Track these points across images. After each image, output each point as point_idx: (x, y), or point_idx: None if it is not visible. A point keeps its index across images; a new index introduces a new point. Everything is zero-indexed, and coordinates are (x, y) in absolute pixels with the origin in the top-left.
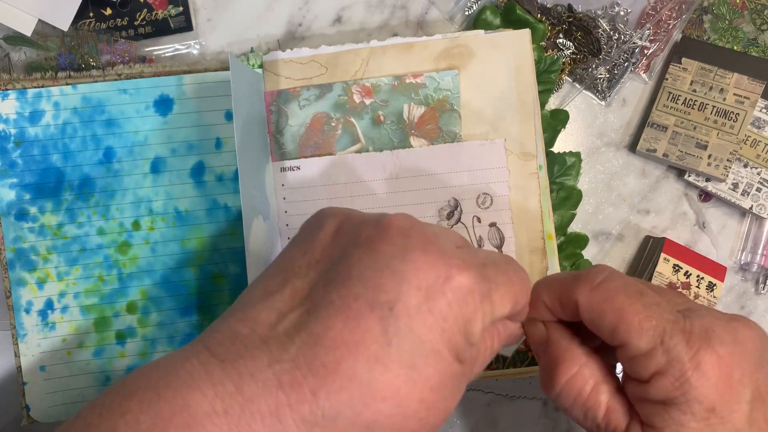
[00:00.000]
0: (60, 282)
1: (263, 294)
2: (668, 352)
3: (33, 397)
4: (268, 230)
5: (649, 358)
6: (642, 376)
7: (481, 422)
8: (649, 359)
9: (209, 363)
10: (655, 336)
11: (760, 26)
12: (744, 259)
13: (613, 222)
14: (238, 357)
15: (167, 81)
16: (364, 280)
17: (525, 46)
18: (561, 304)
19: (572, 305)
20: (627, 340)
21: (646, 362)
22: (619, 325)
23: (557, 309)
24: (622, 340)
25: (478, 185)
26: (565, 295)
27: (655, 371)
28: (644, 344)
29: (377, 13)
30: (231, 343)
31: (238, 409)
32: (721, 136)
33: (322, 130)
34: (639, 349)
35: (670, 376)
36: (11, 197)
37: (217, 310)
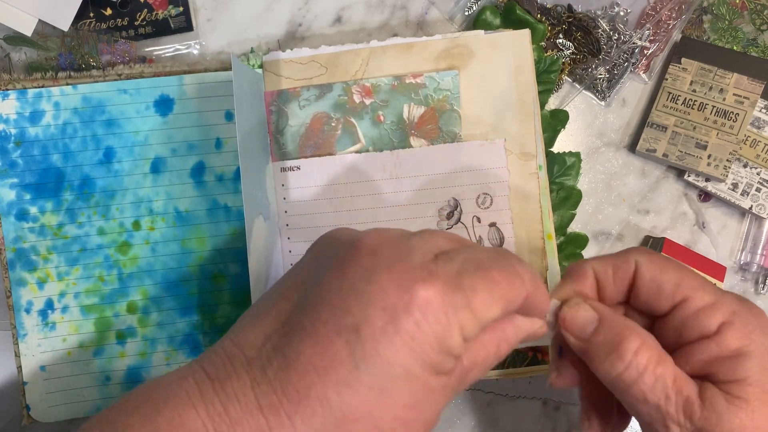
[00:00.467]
0: (60, 282)
1: (255, 316)
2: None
3: (33, 397)
4: (269, 230)
5: (715, 308)
6: (709, 329)
7: (481, 422)
8: (715, 309)
9: (203, 382)
10: (715, 292)
11: (759, 26)
12: (744, 259)
13: (612, 222)
14: (227, 378)
15: (167, 81)
16: (332, 304)
17: (525, 46)
18: (614, 271)
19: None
20: (692, 293)
21: (713, 313)
22: (682, 281)
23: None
24: (686, 293)
25: (478, 185)
26: (621, 261)
27: (723, 321)
28: (709, 297)
29: (377, 13)
30: (222, 364)
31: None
32: (720, 136)
33: (322, 130)
34: (704, 300)
35: (738, 326)
36: (11, 197)
37: (217, 310)
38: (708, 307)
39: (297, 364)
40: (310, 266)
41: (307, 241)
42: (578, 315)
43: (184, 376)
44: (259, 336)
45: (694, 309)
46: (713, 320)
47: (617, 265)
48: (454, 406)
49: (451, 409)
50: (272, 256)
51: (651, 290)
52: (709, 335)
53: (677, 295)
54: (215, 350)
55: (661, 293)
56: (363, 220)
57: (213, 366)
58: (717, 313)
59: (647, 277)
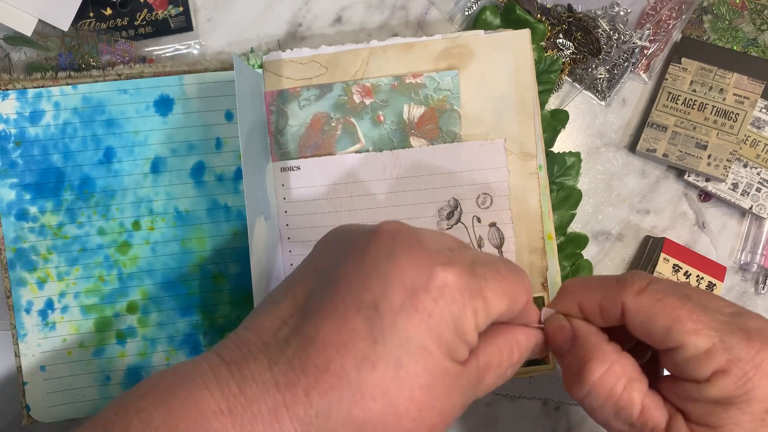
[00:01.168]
0: (60, 282)
1: (269, 304)
2: (729, 350)
3: (33, 397)
4: (269, 230)
5: (709, 357)
6: (700, 376)
7: (481, 422)
8: (709, 358)
9: (218, 365)
10: (713, 335)
11: (759, 26)
12: (744, 259)
13: (612, 222)
14: (243, 360)
15: (167, 81)
16: (351, 283)
17: (525, 46)
18: (602, 308)
19: (616, 311)
20: (684, 340)
21: (706, 361)
22: (673, 326)
23: (594, 313)
24: (677, 341)
25: (478, 185)
26: (608, 299)
27: (716, 370)
28: (703, 343)
29: (377, 13)
30: (238, 349)
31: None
32: (720, 136)
33: (322, 130)
34: (698, 348)
35: (733, 375)
36: (11, 197)
37: (217, 310)
38: (701, 356)
39: (316, 341)
40: (326, 254)
41: (307, 240)
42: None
43: (198, 361)
44: (275, 321)
45: (685, 357)
46: (705, 370)
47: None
48: None
49: None
50: (273, 255)
51: (642, 335)
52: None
53: (668, 342)
54: (230, 338)
55: (652, 340)
56: (363, 220)
57: (228, 351)
58: (711, 362)
59: (635, 324)
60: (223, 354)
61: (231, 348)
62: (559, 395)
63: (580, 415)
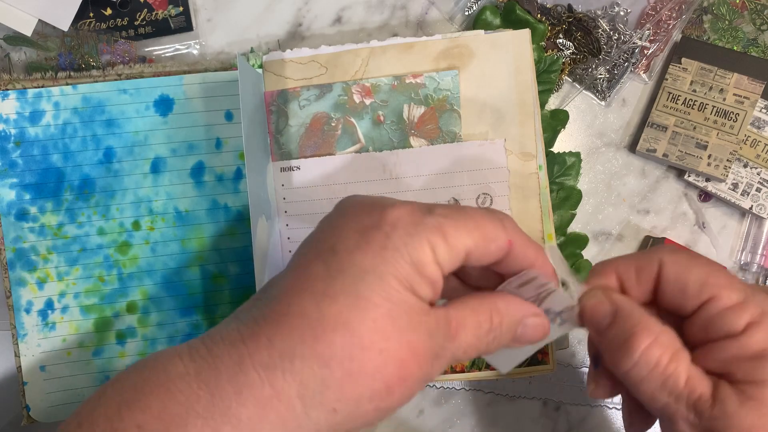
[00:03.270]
0: (60, 282)
1: None
2: (759, 304)
3: (33, 397)
4: (270, 230)
5: (743, 308)
6: (735, 328)
7: (481, 422)
8: (743, 309)
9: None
10: (745, 290)
11: (760, 26)
12: (744, 259)
13: (613, 222)
14: (215, 331)
15: (167, 81)
16: (310, 242)
17: (525, 46)
18: (638, 269)
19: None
20: (719, 292)
21: (740, 312)
22: (708, 280)
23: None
24: (712, 292)
25: (478, 185)
26: (645, 260)
27: (750, 321)
28: (736, 296)
29: (377, 13)
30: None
31: (207, 367)
32: (721, 136)
33: (322, 130)
34: (731, 299)
35: (766, 325)
36: (11, 197)
37: (217, 310)
38: (735, 306)
39: (279, 295)
40: None
41: None
42: (594, 306)
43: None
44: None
45: (720, 308)
46: (740, 320)
47: (640, 266)
48: (454, 405)
49: (451, 409)
50: (274, 255)
51: (675, 290)
52: (734, 335)
53: (703, 294)
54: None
55: (686, 293)
56: None
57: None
58: (744, 313)
59: (671, 276)
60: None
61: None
62: (559, 395)
63: (580, 415)
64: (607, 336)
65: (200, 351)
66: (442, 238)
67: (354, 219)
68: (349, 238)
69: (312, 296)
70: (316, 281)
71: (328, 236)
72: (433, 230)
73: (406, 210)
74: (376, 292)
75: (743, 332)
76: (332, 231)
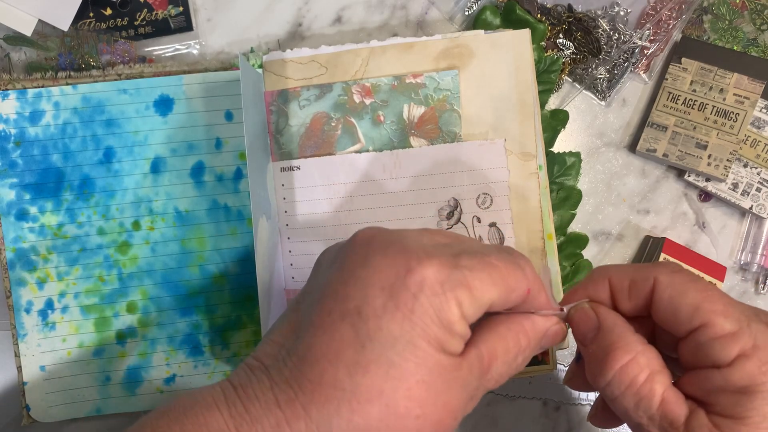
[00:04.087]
0: (60, 282)
1: (271, 332)
2: (754, 336)
3: (33, 397)
4: (271, 230)
5: (735, 338)
6: (724, 359)
7: (481, 422)
8: (734, 340)
9: (227, 389)
10: (741, 319)
11: (760, 26)
12: (744, 259)
13: (613, 222)
14: (248, 383)
15: (167, 81)
16: (334, 295)
17: (525, 46)
18: (632, 282)
19: (646, 285)
20: (711, 319)
21: (732, 343)
22: (703, 305)
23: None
24: (705, 319)
25: (478, 185)
26: (641, 274)
27: (740, 353)
28: (730, 325)
29: (377, 13)
30: (245, 374)
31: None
32: (721, 136)
33: (322, 130)
34: (724, 329)
35: (756, 360)
36: (11, 197)
37: (217, 310)
38: (726, 336)
39: (308, 356)
40: (314, 276)
41: (307, 240)
42: (579, 318)
43: (212, 386)
44: (274, 346)
45: (710, 336)
46: (729, 351)
47: (634, 280)
48: None
49: None
50: (275, 255)
51: (668, 312)
52: (721, 365)
53: (695, 320)
54: (240, 366)
55: (678, 317)
56: (363, 220)
57: (237, 377)
58: (735, 344)
59: (664, 298)
60: (232, 380)
61: (239, 374)
62: (559, 395)
63: (580, 415)
64: (590, 349)
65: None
66: (469, 294)
67: (379, 274)
68: (376, 299)
69: (345, 366)
70: (346, 348)
71: (353, 293)
72: (459, 287)
73: (433, 268)
74: (408, 359)
75: (730, 364)
76: (356, 286)
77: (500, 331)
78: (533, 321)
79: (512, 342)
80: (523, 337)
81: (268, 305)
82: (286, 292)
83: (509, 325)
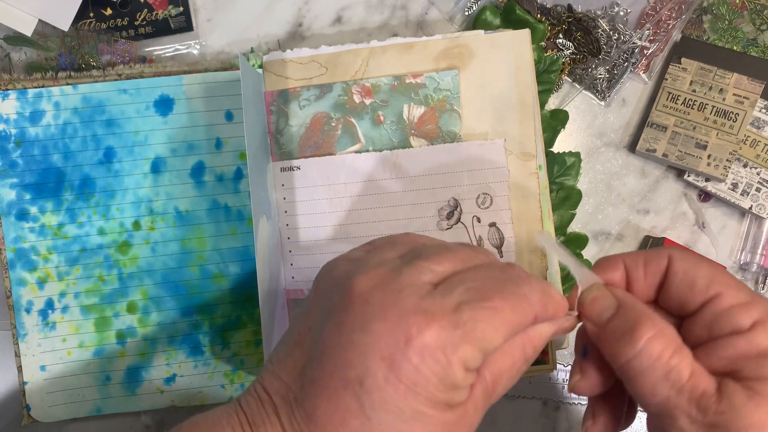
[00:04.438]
0: (60, 282)
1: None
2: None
3: (33, 397)
4: (271, 230)
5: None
6: (744, 324)
7: (481, 422)
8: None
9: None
10: (749, 293)
11: (759, 26)
12: (744, 259)
13: (612, 222)
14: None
15: (167, 81)
16: (334, 358)
17: (525, 46)
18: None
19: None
20: (726, 290)
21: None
22: (716, 277)
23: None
24: (720, 289)
25: (478, 185)
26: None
27: (757, 320)
28: (743, 295)
29: (377, 13)
30: (257, 407)
31: None
32: (720, 136)
33: (322, 130)
34: (738, 297)
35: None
36: (11, 197)
37: (217, 310)
38: (743, 305)
39: (315, 418)
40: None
41: (307, 240)
42: (594, 299)
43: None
44: (282, 385)
45: (727, 305)
46: (747, 317)
47: (649, 258)
48: None
49: None
50: (275, 256)
51: (683, 284)
52: (741, 331)
53: (710, 290)
54: (250, 392)
55: (694, 288)
56: (363, 220)
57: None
58: (752, 311)
59: (680, 271)
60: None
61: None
62: (559, 395)
63: (580, 415)
64: (608, 328)
65: None
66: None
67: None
68: (378, 371)
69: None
70: (352, 420)
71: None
72: (462, 345)
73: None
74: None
75: (750, 330)
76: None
77: (505, 350)
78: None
79: (518, 354)
80: (530, 347)
81: (269, 305)
82: (286, 292)
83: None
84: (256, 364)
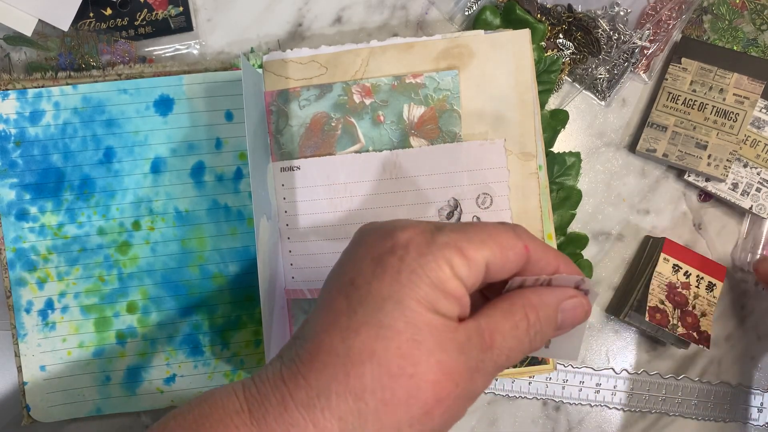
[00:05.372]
0: (60, 282)
1: None
2: None
3: (33, 397)
4: (271, 230)
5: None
6: None
7: (481, 422)
8: None
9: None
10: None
11: (759, 26)
12: (744, 258)
13: (612, 222)
14: (263, 370)
15: (167, 81)
16: (333, 275)
17: (525, 46)
18: None
19: None
20: None
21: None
22: None
23: None
24: None
25: (478, 185)
26: None
27: None
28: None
29: (377, 13)
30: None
31: (257, 405)
32: (720, 136)
33: (322, 130)
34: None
35: None
36: (11, 197)
37: (217, 310)
38: None
39: (310, 334)
40: None
41: (307, 241)
42: None
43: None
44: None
45: None
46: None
47: None
48: None
49: None
50: (275, 255)
51: None
52: None
53: None
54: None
55: None
56: (363, 220)
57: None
58: None
59: None
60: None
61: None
62: (559, 395)
63: (580, 415)
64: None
65: (251, 390)
66: (459, 253)
67: (369, 248)
68: (366, 268)
69: (338, 332)
70: (340, 316)
71: (348, 269)
72: (447, 247)
73: (416, 231)
74: (397, 318)
75: None
76: (350, 263)
77: (503, 307)
78: (540, 293)
79: (518, 316)
80: (531, 311)
81: (269, 305)
82: (286, 292)
83: (513, 299)
84: (256, 364)
